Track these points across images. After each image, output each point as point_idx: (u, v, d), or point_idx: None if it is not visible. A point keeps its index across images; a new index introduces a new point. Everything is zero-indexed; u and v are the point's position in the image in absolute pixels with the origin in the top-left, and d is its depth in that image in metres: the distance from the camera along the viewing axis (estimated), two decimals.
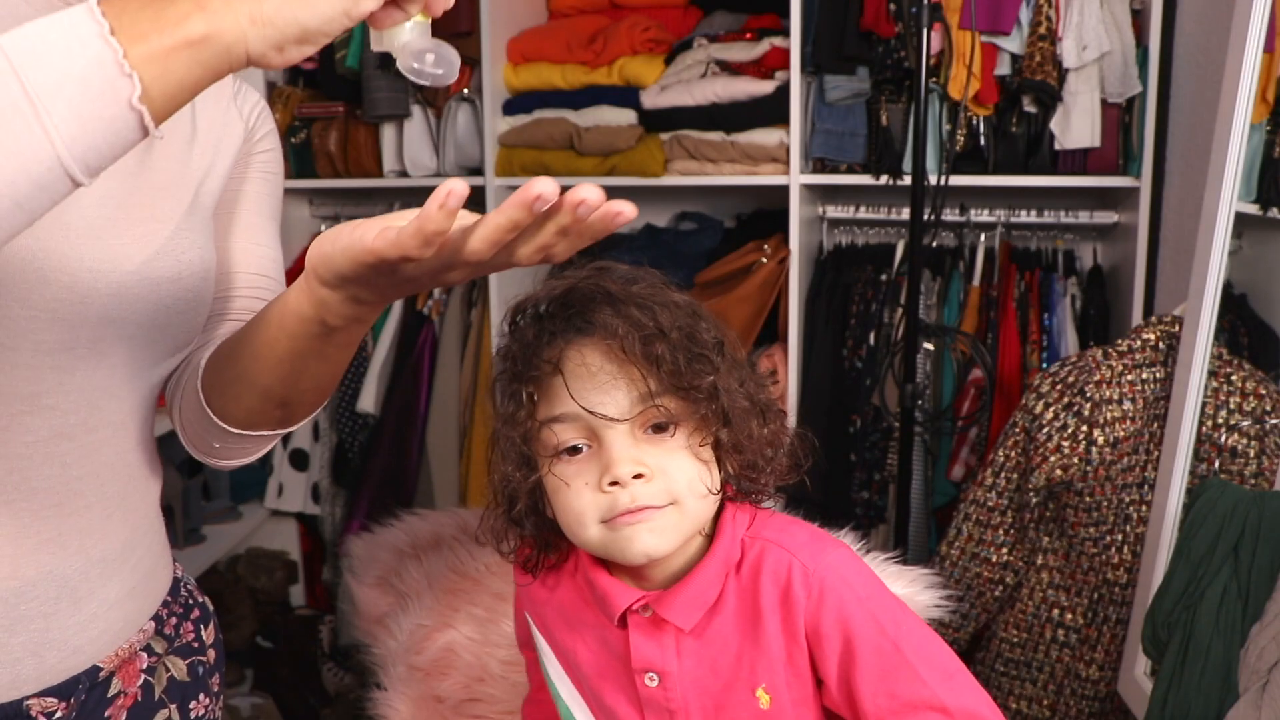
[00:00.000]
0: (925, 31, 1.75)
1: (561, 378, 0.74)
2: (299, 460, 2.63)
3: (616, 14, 2.42)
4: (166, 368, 0.79)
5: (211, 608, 0.91)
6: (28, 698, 0.68)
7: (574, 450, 0.75)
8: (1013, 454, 1.70)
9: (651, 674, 0.79)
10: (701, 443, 0.76)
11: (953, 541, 1.77)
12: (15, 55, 0.46)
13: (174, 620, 0.84)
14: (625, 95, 2.29)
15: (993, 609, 1.77)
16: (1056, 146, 2.05)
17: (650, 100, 2.26)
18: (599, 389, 0.73)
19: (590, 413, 0.73)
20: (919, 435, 2.10)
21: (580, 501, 0.74)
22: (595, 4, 2.44)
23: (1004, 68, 2.05)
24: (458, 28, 2.32)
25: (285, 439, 2.63)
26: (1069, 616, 1.70)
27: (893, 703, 0.75)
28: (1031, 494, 1.66)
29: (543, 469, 0.77)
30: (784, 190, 2.18)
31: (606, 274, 0.77)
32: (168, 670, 0.81)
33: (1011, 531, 1.73)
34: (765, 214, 2.44)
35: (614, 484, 0.73)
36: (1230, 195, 1.40)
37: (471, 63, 2.38)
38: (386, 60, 2.39)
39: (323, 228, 2.81)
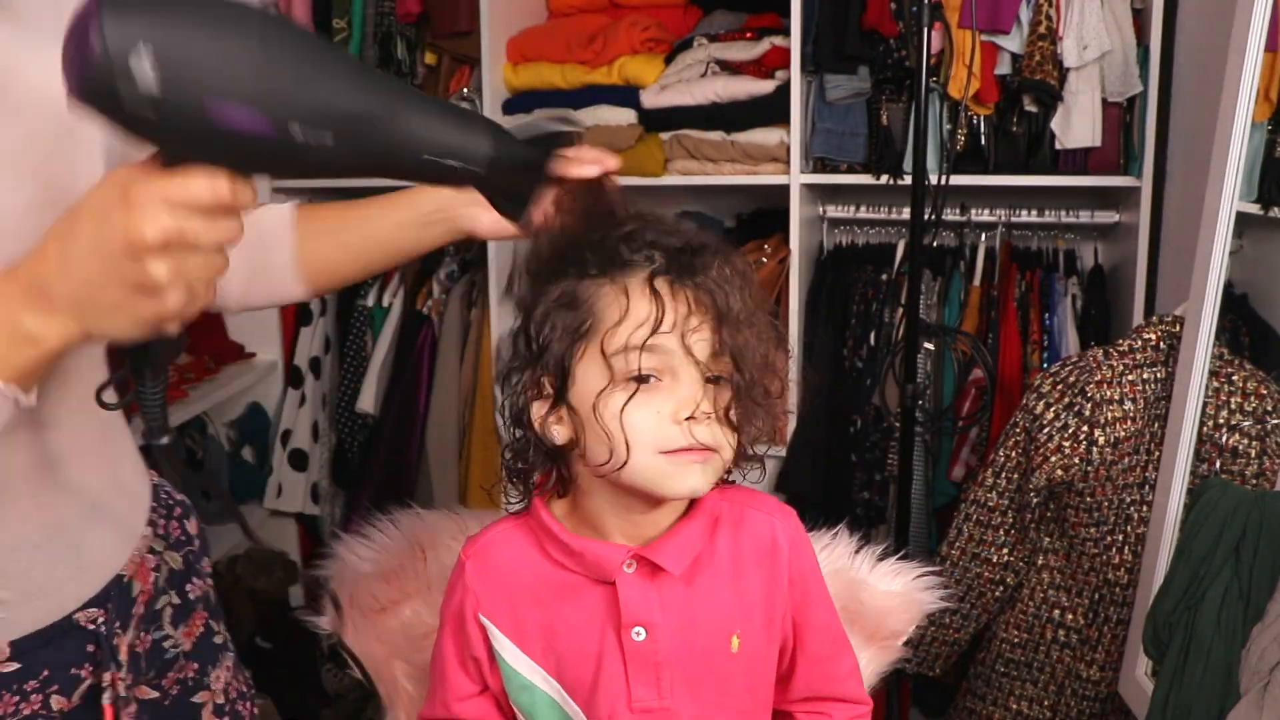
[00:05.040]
0: (925, 31, 1.75)
1: (659, 306, 0.75)
2: (298, 461, 2.62)
3: (616, 13, 2.41)
4: None
5: (190, 502, 1.05)
6: (73, 612, 0.84)
7: (642, 379, 0.76)
8: (1013, 454, 1.69)
9: (639, 628, 0.82)
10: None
11: (953, 542, 1.77)
12: None
13: (162, 521, 0.99)
14: (625, 95, 2.28)
15: (993, 609, 1.77)
16: (1057, 146, 2.04)
17: (650, 100, 2.26)
18: (694, 330, 0.77)
19: (683, 350, 0.76)
20: (919, 435, 2.10)
21: (646, 427, 0.76)
22: (595, 3, 2.43)
23: (1004, 67, 2.05)
24: (458, 27, 2.31)
25: (284, 439, 2.63)
26: (1070, 617, 1.70)
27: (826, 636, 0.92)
28: (1032, 494, 1.65)
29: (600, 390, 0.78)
30: (784, 190, 2.17)
31: (702, 231, 0.81)
32: (167, 564, 0.96)
33: (1012, 532, 1.72)
34: (765, 214, 2.43)
35: (689, 419, 0.76)
36: (1231, 194, 1.40)
37: (471, 62, 2.38)
38: (385, 58, 2.40)
39: None
